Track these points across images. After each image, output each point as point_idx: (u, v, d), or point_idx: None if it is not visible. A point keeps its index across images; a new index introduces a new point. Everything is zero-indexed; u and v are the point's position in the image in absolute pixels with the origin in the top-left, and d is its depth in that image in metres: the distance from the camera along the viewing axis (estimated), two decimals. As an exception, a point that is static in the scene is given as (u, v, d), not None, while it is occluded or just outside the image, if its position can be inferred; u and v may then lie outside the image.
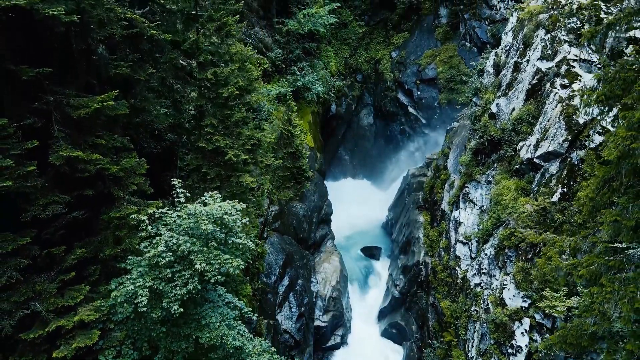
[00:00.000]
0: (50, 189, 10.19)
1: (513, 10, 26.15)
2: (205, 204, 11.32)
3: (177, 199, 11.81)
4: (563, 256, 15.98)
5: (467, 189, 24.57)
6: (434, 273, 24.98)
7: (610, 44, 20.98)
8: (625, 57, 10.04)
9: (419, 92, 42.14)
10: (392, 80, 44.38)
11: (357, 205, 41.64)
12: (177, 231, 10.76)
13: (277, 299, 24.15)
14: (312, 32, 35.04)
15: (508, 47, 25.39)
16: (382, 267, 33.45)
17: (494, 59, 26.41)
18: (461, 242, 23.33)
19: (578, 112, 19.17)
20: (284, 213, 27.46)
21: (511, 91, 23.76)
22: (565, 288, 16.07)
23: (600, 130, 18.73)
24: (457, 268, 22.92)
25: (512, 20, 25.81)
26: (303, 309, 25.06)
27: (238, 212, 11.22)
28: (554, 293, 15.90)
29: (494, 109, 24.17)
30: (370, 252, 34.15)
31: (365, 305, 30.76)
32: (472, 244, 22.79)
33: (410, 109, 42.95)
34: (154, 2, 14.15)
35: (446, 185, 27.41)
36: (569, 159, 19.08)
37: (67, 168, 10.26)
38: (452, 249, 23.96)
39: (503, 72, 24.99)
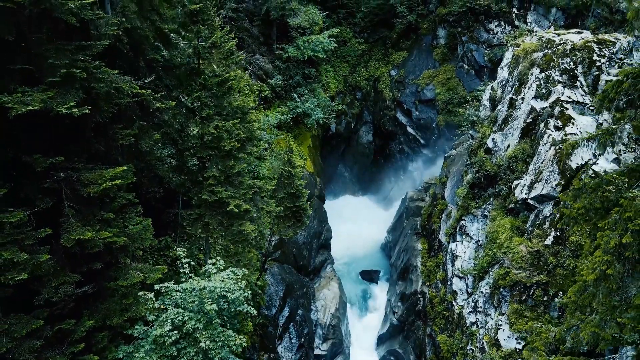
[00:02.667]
0: (61, 268, 10.69)
1: (509, 45, 26.63)
2: (208, 275, 11.81)
3: (182, 270, 12.30)
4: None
5: (463, 221, 25.06)
6: (432, 304, 25.48)
7: (602, 87, 21.47)
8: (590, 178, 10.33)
9: (417, 113, 42.61)
10: (391, 99, 44.85)
11: (357, 222, 42.20)
12: (182, 305, 11.27)
13: (278, 330, 24.65)
14: (312, 58, 35.52)
15: (504, 83, 25.87)
16: (380, 290, 33.96)
17: (490, 93, 26.91)
18: (458, 276, 23.81)
19: (570, 157, 19.71)
20: (284, 242, 27.95)
21: (507, 127, 24.25)
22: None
23: (593, 175, 19.23)
24: (453, 302, 23.42)
25: (508, 55, 26.29)
26: (303, 339, 25.56)
27: (239, 281, 11.71)
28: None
29: (489, 143, 24.67)
30: (369, 276, 34.66)
31: (364, 330, 31.26)
32: (468, 278, 23.28)
33: (409, 129, 43.44)
34: (160, 68, 14.62)
35: (443, 215, 27.90)
36: (562, 203, 19.56)
37: (77, 248, 10.76)
38: (448, 282, 24.46)
39: (499, 108, 25.48)
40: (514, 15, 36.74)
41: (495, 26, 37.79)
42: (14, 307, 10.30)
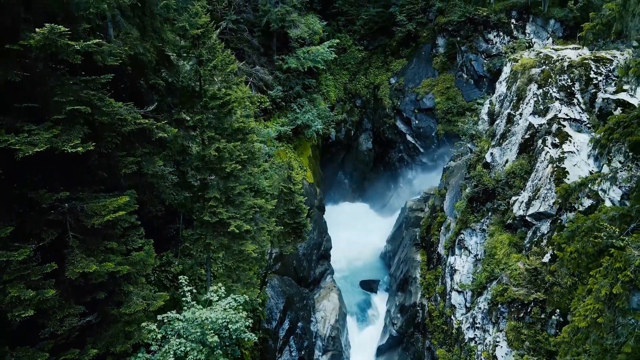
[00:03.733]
0: (66, 300, 10.90)
1: (507, 60, 26.83)
2: (210, 303, 12.03)
3: (184, 299, 12.51)
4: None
5: (462, 235, 25.26)
6: (430, 317, 25.69)
7: (599, 105, 21.71)
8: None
9: (417, 121, 42.82)
10: (390, 107, 45.06)
11: (357, 230, 42.42)
12: (184, 335, 11.49)
13: (278, 344, 24.86)
14: (312, 69, 35.73)
15: (502, 97, 26.08)
16: (380, 300, 34.16)
17: (489, 107, 27.12)
18: (456, 290, 24.03)
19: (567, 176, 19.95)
20: (284, 254, 28.13)
21: (505, 142, 24.46)
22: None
23: (589, 194, 19.46)
24: (452, 317, 23.63)
25: (506, 70, 26.50)
26: (303, 352, 25.77)
27: (240, 310, 11.93)
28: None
29: (488, 158, 24.88)
30: (369, 286, 34.87)
31: (364, 341, 31.45)
32: (467, 293, 23.49)
33: (409, 137, 43.66)
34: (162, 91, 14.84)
35: (442, 227, 28.12)
36: (559, 221, 19.80)
37: (81, 280, 10.97)
38: (447, 296, 24.67)
39: (497, 122, 25.69)
40: (512, 26, 36.96)
41: (494, 36, 38.00)
42: (20, 340, 10.51)
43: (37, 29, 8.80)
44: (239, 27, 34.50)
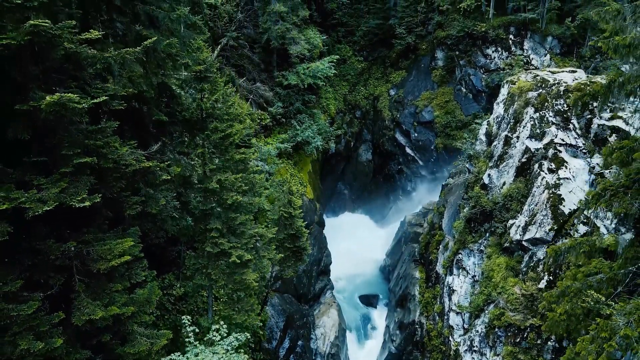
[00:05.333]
0: (73, 347, 11.22)
1: (504, 82, 27.14)
2: (212, 343, 12.37)
3: (187, 339, 12.85)
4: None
5: (460, 255, 25.60)
6: (429, 336, 26.02)
7: (594, 130, 22.03)
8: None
9: (416, 134, 43.16)
10: (390, 119, 45.40)
11: (356, 241, 42.79)
12: (188, 378, 11.85)
13: (278, 363, 25.19)
14: (312, 85, 36.07)
15: (499, 119, 26.40)
16: (379, 315, 34.51)
17: (487, 128, 27.44)
18: (454, 311, 24.36)
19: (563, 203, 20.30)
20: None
21: (502, 164, 24.78)
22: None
23: (585, 220, 19.81)
24: (450, 337, 23.96)
25: (503, 92, 26.82)
26: (303, 370, 26.11)
27: (242, 352, 12.27)
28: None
29: (485, 179, 25.20)
30: (368, 301, 35.22)
31: (363, 357, 31.80)
32: (464, 314, 23.82)
33: (408, 150, 44.01)
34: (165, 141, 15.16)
35: (441, 246, 28.45)
36: (554, 245, 20.09)
37: (88, 325, 11.30)
38: (445, 317, 25.00)
39: (495, 144, 26.01)
40: (510, 41, 37.29)
41: (493, 51, 38.32)
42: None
43: (47, 97, 9.12)
44: (240, 43, 34.86)
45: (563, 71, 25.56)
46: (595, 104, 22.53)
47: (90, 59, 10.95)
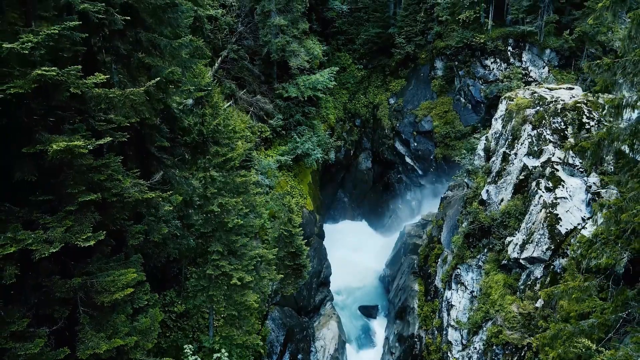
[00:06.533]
0: (78, 378, 11.48)
1: (502, 98, 27.37)
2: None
3: (189, 368, 13.10)
4: None
5: (458, 270, 25.84)
6: (428, 351, 26.26)
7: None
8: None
9: (415, 144, 43.40)
10: (389, 128, 45.63)
11: (356, 249, 43.08)
12: (190, 408, 12.09)
13: (278, 377, 25.42)
14: (312, 98, 36.31)
15: (498, 135, 26.63)
16: (378, 325, 34.75)
17: (485, 144, 27.67)
18: (453, 326, 24.60)
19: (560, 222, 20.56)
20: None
21: (500, 180, 25.01)
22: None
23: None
24: (449, 353, 24.20)
25: (502, 108, 27.05)
26: (303, 384, 26.35)
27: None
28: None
29: (484, 195, 25.44)
30: (368, 312, 35.46)
31: (363, 368, 32.05)
32: (463, 330, 24.06)
33: (407, 159, 44.26)
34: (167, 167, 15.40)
35: (439, 260, 28.69)
36: (552, 267, 20.36)
37: (92, 359, 11.54)
38: (444, 332, 25.25)
39: (493, 159, 26.25)
40: (509, 53, 37.52)
41: (491, 63, 38.55)
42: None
43: (53, 145, 9.37)
44: (240, 55, 35.07)
45: (560, 88, 25.80)
46: (592, 123, 22.80)
47: (95, 99, 11.19)
